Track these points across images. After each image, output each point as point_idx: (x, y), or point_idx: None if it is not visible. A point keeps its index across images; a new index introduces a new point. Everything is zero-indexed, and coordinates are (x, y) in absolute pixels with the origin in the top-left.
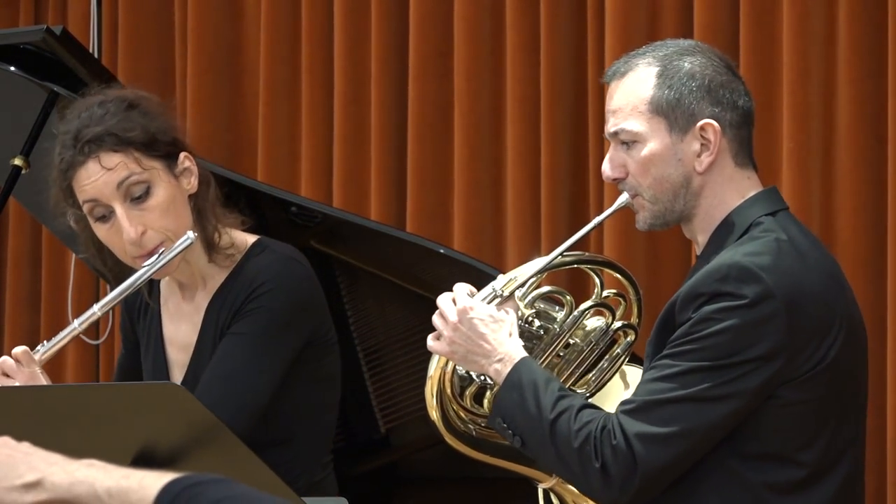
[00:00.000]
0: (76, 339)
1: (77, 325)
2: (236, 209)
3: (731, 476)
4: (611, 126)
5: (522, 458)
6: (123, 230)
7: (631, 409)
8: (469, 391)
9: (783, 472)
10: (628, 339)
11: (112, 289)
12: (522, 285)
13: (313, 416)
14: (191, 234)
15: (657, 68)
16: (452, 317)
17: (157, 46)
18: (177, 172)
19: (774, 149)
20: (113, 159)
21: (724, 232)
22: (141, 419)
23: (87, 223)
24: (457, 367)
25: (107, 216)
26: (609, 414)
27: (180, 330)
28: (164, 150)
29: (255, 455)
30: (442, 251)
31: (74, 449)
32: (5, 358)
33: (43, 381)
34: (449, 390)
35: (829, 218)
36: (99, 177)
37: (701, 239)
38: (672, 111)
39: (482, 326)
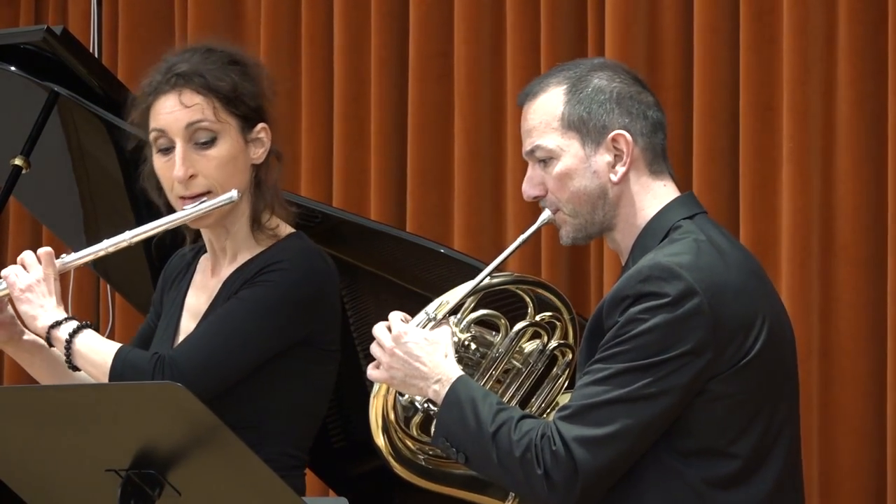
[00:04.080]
0: None
1: (106, 245)
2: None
3: (670, 473)
4: (527, 146)
5: (474, 486)
6: (175, 167)
7: (567, 414)
8: (415, 421)
9: (719, 466)
10: (566, 358)
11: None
12: (456, 310)
13: (290, 413)
14: (235, 193)
15: (566, 85)
16: (388, 343)
17: (157, 46)
18: (249, 138)
19: (774, 149)
20: (194, 98)
21: (646, 238)
22: (141, 419)
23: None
24: (399, 396)
25: (168, 150)
26: (547, 422)
27: (199, 300)
28: (245, 111)
29: (255, 455)
30: (442, 251)
31: (75, 449)
32: (28, 252)
33: (52, 287)
34: (393, 418)
35: (829, 218)
36: (175, 110)
37: (624, 248)
38: (584, 125)
39: (417, 349)
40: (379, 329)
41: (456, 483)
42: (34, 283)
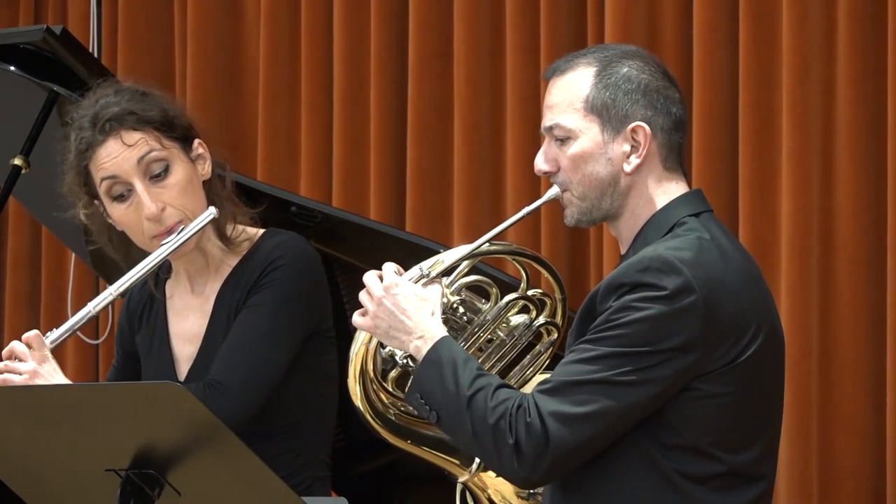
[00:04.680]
0: (76, 339)
1: (92, 308)
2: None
3: (648, 462)
4: (546, 121)
5: (440, 448)
6: (144, 206)
7: (547, 388)
8: (392, 375)
9: (698, 464)
10: (551, 337)
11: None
12: (450, 271)
13: (317, 409)
14: (213, 210)
15: (595, 68)
16: (377, 292)
17: (157, 46)
18: (192, 157)
19: (774, 149)
20: (133, 136)
21: (649, 231)
22: (141, 419)
23: (99, 212)
24: (380, 348)
25: (125, 195)
26: (525, 393)
27: (188, 322)
28: (181, 132)
29: (255, 455)
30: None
31: (75, 449)
32: (16, 343)
33: (53, 366)
34: (371, 369)
35: (829, 218)
36: (120, 153)
37: (626, 238)
38: (606, 111)
39: (405, 303)
40: (370, 277)
41: (423, 442)
42: (36, 368)
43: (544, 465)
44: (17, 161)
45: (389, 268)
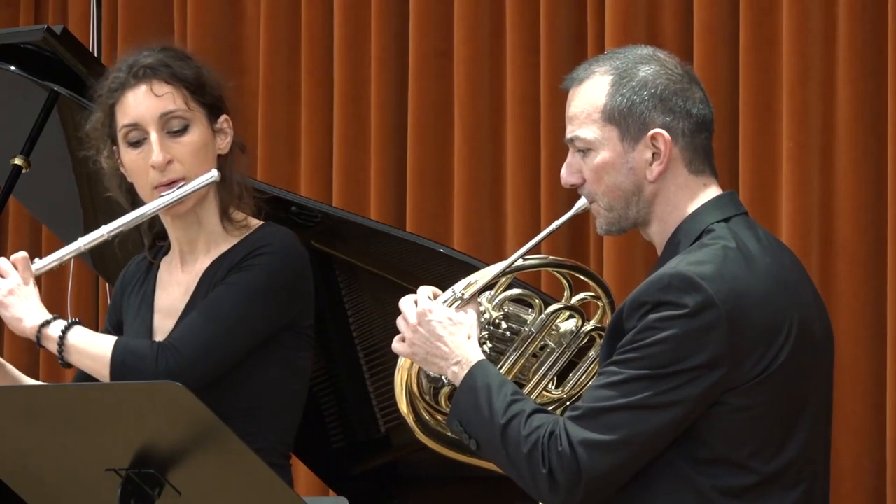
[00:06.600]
0: None
1: (83, 244)
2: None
3: (682, 479)
4: (567, 133)
5: None
6: (153, 154)
7: (577, 415)
8: (444, 392)
9: (734, 477)
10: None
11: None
12: (487, 288)
13: (279, 400)
14: (216, 172)
15: (612, 76)
16: (412, 319)
17: None
18: (215, 128)
19: (774, 149)
20: (163, 88)
21: (678, 238)
22: (141, 419)
23: (115, 158)
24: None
25: (140, 142)
26: (558, 419)
27: (171, 297)
28: (210, 100)
29: (255, 455)
30: (442, 251)
31: (75, 449)
32: (2, 259)
33: (32, 291)
34: (417, 390)
35: (829, 218)
36: (145, 101)
37: (659, 244)
38: (624, 120)
39: (440, 329)
40: (405, 303)
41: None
42: (15, 287)
43: (580, 493)
44: (18, 161)
45: (423, 292)
